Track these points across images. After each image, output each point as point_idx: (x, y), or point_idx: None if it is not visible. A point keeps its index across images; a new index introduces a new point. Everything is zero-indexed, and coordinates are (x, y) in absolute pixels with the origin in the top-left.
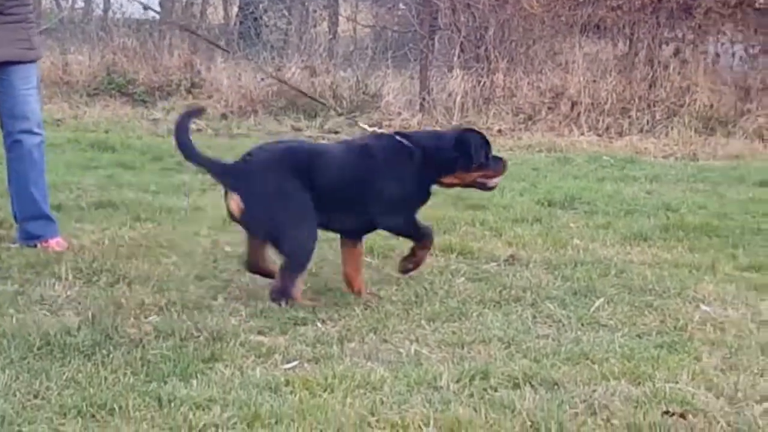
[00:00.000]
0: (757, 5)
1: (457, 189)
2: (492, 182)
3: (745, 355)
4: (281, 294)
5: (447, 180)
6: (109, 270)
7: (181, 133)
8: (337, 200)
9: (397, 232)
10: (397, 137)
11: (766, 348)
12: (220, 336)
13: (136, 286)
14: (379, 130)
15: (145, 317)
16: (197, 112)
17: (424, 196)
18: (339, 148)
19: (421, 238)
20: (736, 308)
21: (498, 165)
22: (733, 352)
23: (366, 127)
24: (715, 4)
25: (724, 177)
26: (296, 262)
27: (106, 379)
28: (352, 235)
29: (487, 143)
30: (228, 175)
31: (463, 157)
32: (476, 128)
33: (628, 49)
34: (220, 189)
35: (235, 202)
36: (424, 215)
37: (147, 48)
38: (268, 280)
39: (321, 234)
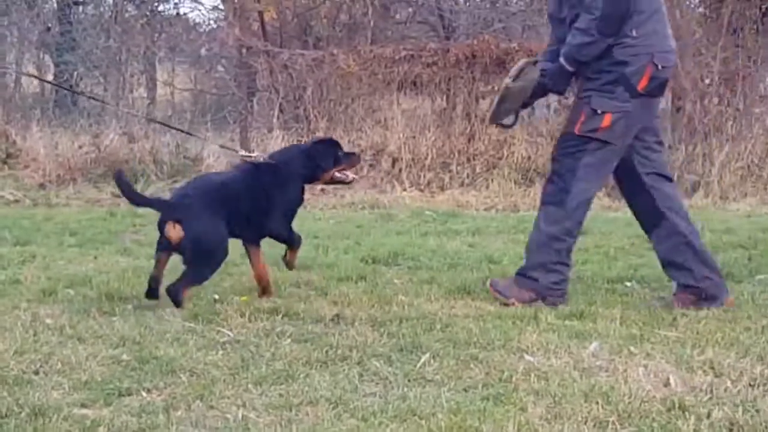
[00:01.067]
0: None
1: (278, 251)
2: (349, 177)
3: (569, 404)
4: (176, 295)
5: (314, 182)
6: None
7: (124, 185)
8: (242, 216)
9: (279, 236)
10: (270, 160)
11: (588, 395)
12: (42, 411)
13: None
14: (254, 155)
15: None
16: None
17: (300, 201)
18: (236, 176)
19: (294, 242)
20: (559, 357)
21: (351, 159)
22: (557, 400)
23: (245, 153)
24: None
25: None
26: (202, 276)
27: None
28: (254, 241)
29: (335, 145)
30: (171, 208)
31: (316, 165)
32: (326, 136)
33: (446, 104)
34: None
35: (176, 230)
36: (247, 277)
37: None
38: (89, 351)
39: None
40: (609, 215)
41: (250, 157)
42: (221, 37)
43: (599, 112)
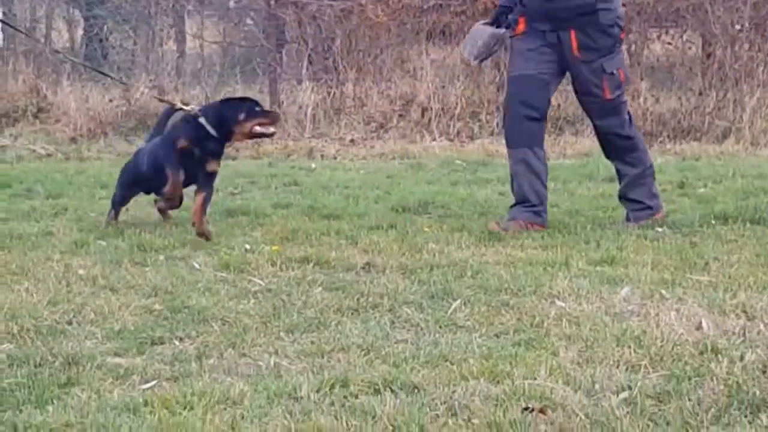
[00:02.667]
0: None
1: (309, 201)
2: (269, 130)
3: (601, 348)
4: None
5: (236, 138)
6: None
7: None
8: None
9: None
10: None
11: (620, 339)
12: (76, 360)
13: None
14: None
15: None
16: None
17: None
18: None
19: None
20: (591, 302)
21: (268, 115)
22: (589, 345)
23: (180, 105)
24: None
25: (574, 175)
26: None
27: None
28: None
29: (248, 101)
30: None
31: (224, 118)
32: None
33: None
34: None
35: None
36: (278, 226)
37: None
38: (122, 301)
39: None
40: None
41: (185, 109)
42: None
43: (614, 72)
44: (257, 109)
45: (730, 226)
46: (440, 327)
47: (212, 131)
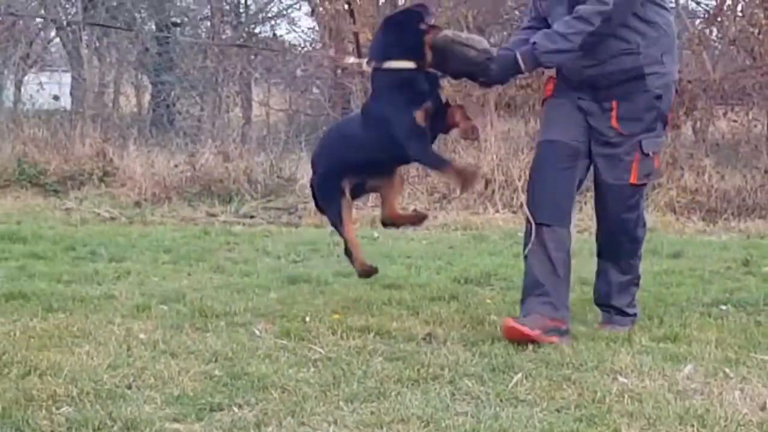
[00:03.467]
0: None
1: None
2: None
3: (663, 426)
4: None
5: None
6: (20, 362)
7: None
8: None
9: None
10: None
11: (683, 418)
12: (135, 425)
13: (47, 377)
14: None
15: (57, 408)
16: None
17: None
18: None
19: None
20: (653, 379)
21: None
22: (651, 422)
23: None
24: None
25: None
26: None
27: None
28: None
29: None
30: None
31: None
32: None
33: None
34: None
35: None
36: (340, 296)
37: (58, 138)
38: (182, 366)
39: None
40: (704, 239)
41: None
42: (316, 58)
43: (650, 154)
44: None
45: None
46: (501, 400)
47: None
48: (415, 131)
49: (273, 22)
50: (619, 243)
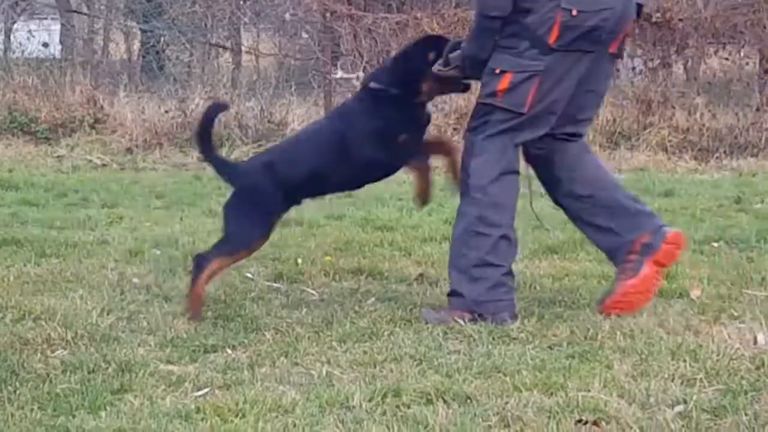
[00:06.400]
0: (653, 19)
1: (363, 212)
2: None
3: (656, 361)
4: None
5: None
6: (15, 306)
7: (204, 128)
8: None
9: None
10: None
11: (675, 353)
12: (129, 367)
13: (42, 322)
14: None
15: (52, 352)
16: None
17: None
18: None
19: None
20: (645, 315)
21: None
22: (644, 358)
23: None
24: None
25: (629, 189)
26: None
27: (12, 415)
28: None
29: None
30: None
31: None
32: None
33: None
34: None
35: None
36: (331, 238)
37: (48, 85)
38: (175, 309)
39: None
40: (695, 177)
41: None
42: (305, 1)
43: (497, 71)
44: None
45: None
46: (493, 338)
47: None
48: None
49: None
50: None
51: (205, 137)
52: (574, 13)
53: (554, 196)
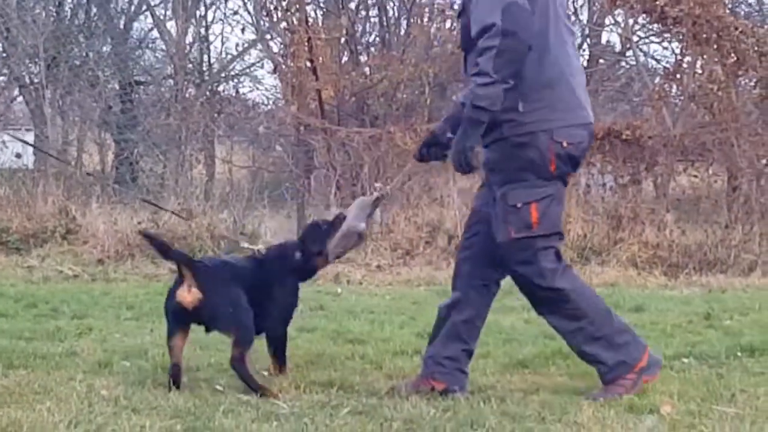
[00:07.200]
0: (623, 137)
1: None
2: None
3: None
4: (240, 361)
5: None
6: None
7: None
8: None
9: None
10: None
11: None
12: None
13: None
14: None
15: None
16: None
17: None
18: None
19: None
20: (616, 431)
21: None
22: None
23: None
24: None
25: None
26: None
27: None
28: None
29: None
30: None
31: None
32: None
33: None
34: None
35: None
36: (303, 350)
37: (20, 196)
38: (144, 422)
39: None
40: (665, 293)
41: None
42: (279, 115)
43: (519, 206)
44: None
45: (756, 359)
46: None
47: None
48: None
49: (236, 81)
50: (532, 297)
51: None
52: (565, 145)
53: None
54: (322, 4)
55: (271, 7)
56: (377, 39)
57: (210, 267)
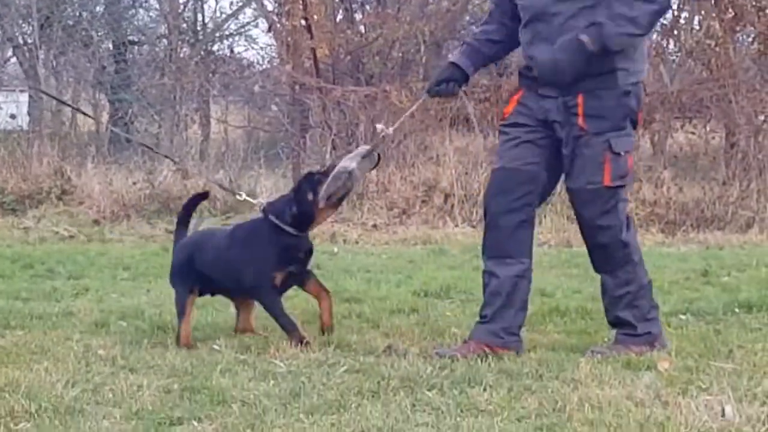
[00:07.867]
0: None
1: (331, 284)
2: None
3: None
4: None
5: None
6: None
7: (185, 213)
8: None
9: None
10: None
11: (644, 426)
12: None
13: (6, 394)
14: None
15: (16, 425)
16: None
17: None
18: None
19: None
20: (613, 388)
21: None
22: (612, 430)
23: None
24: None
25: None
26: None
27: None
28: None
29: None
30: None
31: None
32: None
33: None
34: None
35: None
36: (302, 309)
37: (15, 157)
38: (141, 381)
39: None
40: (663, 250)
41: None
42: (274, 74)
43: (622, 154)
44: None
45: (754, 315)
46: (461, 411)
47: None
48: (269, 288)
49: (231, 40)
50: (605, 251)
51: (184, 222)
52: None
53: None
54: None
55: None
56: None
57: None
